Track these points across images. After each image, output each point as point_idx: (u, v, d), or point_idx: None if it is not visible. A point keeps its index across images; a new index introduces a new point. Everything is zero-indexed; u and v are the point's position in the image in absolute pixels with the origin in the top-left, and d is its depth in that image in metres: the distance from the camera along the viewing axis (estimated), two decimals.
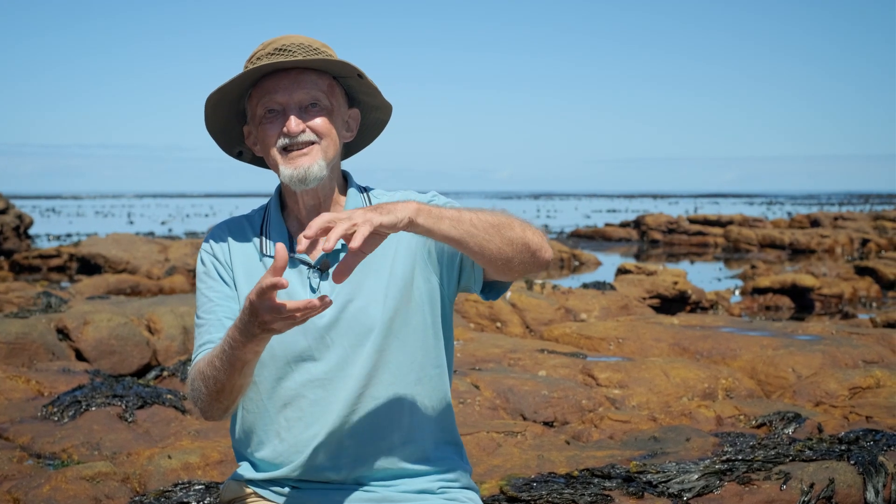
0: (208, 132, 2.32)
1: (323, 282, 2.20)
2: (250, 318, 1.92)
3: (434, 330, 2.26)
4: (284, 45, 2.19)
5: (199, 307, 2.27)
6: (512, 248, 2.07)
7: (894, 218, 33.66)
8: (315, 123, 2.19)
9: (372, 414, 2.20)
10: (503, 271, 2.13)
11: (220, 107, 2.26)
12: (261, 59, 2.19)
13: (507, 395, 5.24)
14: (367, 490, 2.22)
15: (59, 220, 52.09)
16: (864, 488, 3.70)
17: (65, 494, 3.70)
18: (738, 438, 4.28)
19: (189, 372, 2.21)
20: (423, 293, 2.23)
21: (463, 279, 2.26)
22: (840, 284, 15.06)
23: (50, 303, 8.58)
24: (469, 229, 2.01)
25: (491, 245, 2.04)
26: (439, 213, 1.99)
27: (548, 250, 2.14)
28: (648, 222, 33.24)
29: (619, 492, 3.55)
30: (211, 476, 4.00)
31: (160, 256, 18.85)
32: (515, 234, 2.07)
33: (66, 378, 5.82)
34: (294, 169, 2.18)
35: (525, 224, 2.11)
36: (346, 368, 2.19)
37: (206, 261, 2.29)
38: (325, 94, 2.21)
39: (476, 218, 2.03)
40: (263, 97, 2.20)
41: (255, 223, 2.31)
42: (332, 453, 2.21)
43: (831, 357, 6.14)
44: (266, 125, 2.21)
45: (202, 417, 2.31)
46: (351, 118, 2.31)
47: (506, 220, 2.07)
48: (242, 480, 2.32)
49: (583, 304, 8.93)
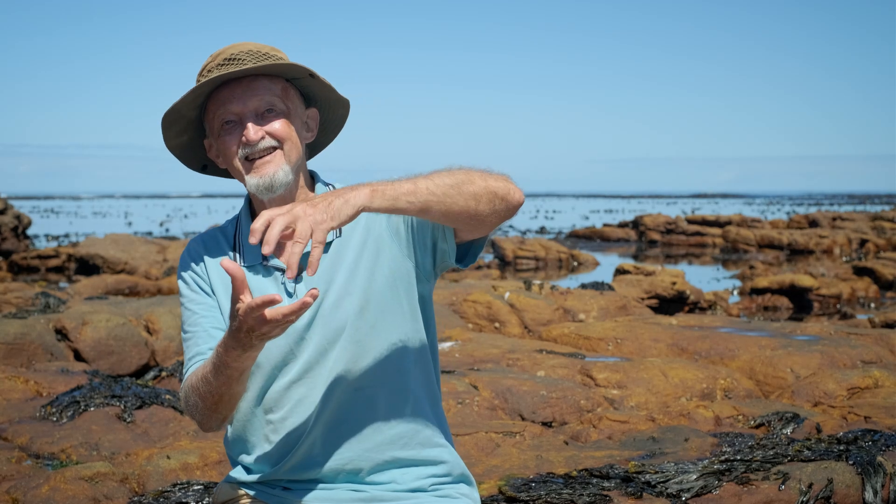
0: (169, 150, 2.31)
1: (297, 284, 2.19)
2: (246, 333, 1.92)
3: (412, 313, 2.24)
4: (233, 54, 2.17)
5: (185, 321, 2.27)
6: (477, 201, 2.05)
7: (893, 218, 33.68)
8: (273, 128, 2.18)
9: (354, 403, 2.19)
10: (476, 227, 2.11)
11: (177, 124, 2.25)
12: (211, 71, 2.18)
13: (505, 396, 5.24)
14: (359, 490, 2.22)
15: (57, 221, 52.08)
16: (863, 488, 3.70)
17: (63, 495, 3.70)
18: (736, 439, 4.29)
19: (182, 387, 2.21)
20: (395, 277, 2.21)
21: (438, 253, 2.23)
22: (838, 285, 15.07)
23: (48, 303, 8.58)
24: (428, 197, 1.99)
25: (455, 206, 2.02)
26: (393, 189, 1.96)
27: (516, 191, 2.11)
28: (647, 223, 33.25)
29: (617, 492, 3.55)
30: (209, 476, 4.00)
31: (158, 257, 18.85)
32: (477, 186, 2.05)
33: (65, 378, 5.82)
34: (259, 178, 2.17)
35: (485, 173, 2.08)
36: (325, 363, 2.18)
37: (185, 277, 2.29)
38: (280, 98, 2.20)
39: (432, 183, 2.00)
40: (218, 109, 2.18)
41: (228, 234, 2.31)
42: (320, 449, 2.20)
43: (829, 357, 6.15)
44: (225, 137, 2.19)
45: (200, 429, 2.31)
46: (310, 118, 2.30)
47: (464, 176, 2.05)
48: (235, 483, 2.33)
49: (581, 305, 8.93)
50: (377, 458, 2.22)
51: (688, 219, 33.89)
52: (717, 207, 75.47)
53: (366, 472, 2.22)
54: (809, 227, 33.46)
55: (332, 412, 2.19)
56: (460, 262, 2.24)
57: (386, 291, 2.20)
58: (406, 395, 2.24)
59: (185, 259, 2.31)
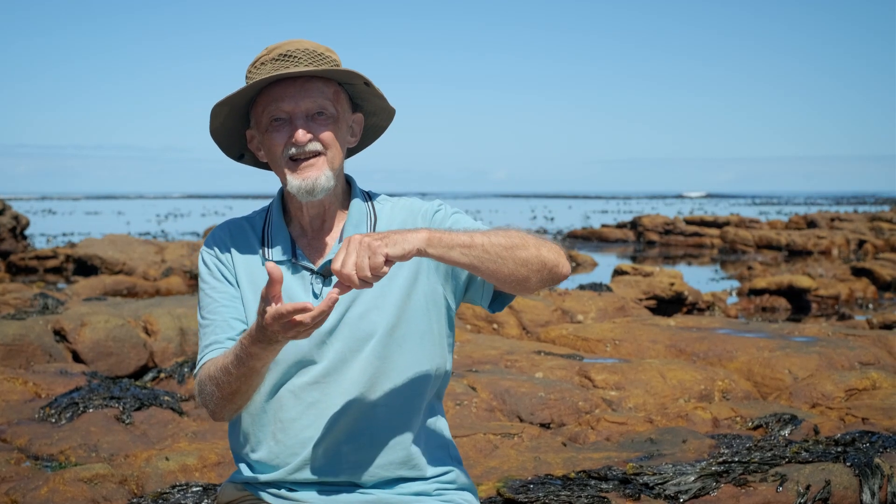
0: (213, 138, 2.31)
1: (325, 287, 2.20)
2: (272, 333, 1.93)
3: (439, 337, 2.26)
4: (289, 50, 2.17)
5: (203, 308, 2.26)
6: (527, 268, 2.08)
7: (891, 219, 33.68)
8: (322, 133, 2.18)
9: (370, 418, 2.20)
10: (519, 289, 2.14)
11: (223, 111, 2.25)
12: (265, 65, 2.18)
13: (503, 397, 5.24)
14: (364, 493, 2.22)
15: (55, 221, 52.04)
16: (861, 490, 3.71)
17: (63, 496, 3.70)
18: (734, 440, 4.29)
19: (197, 374, 2.20)
20: (426, 301, 2.22)
21: (469, 294, 2.26)
22: (837, 286, 15.08)
23: (47, 304, 8.58)
24: (480, 255, 2.03)
25: (504, 268, 2.06)
26: (450, 240, 2.00)
27: (565, 265, 2.15)
28: (645, 223, 33.25)
29: (615, 494, 3.55)
30: (208, 478, 4.01)
31: (156, 258, 18.83)
32: (530, 253, 2.08)
33: (64, 380, 5.83)
34: (302, 180, 2.17)
35: (540, 241, 2.11)
36: (345, 372, 2.18)
37: (208, 262, 2.28)
38: (331, 102, 2.20)
39: (488, 242, 2.03)
40: (269, 105, 2.19)
41: (256, 226, 2.30)
42: (328, 456, 2.21)
43: (827, 359, 6.15)
44: (272, 133, 2.20)
45: (211, 418, 2.32)
46: (355, 122, 2.31)
47: (519, 241, 2.07)
48: (239, 483, 2.33)
49: (579, 306, 8.94)
50: (384, 474, 2.22)
51: (686, 219, 33.90)
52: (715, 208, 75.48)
53: (373, 479, 2.23)
54: (808, 227, 33.47)
55: (345, 419, 2.19)
56: (489, 307, 2.26)
57: (420, 314, 2.21)
58: (421, 410, 2.25)
59: (211, 245, 2.29)
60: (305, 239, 2.26)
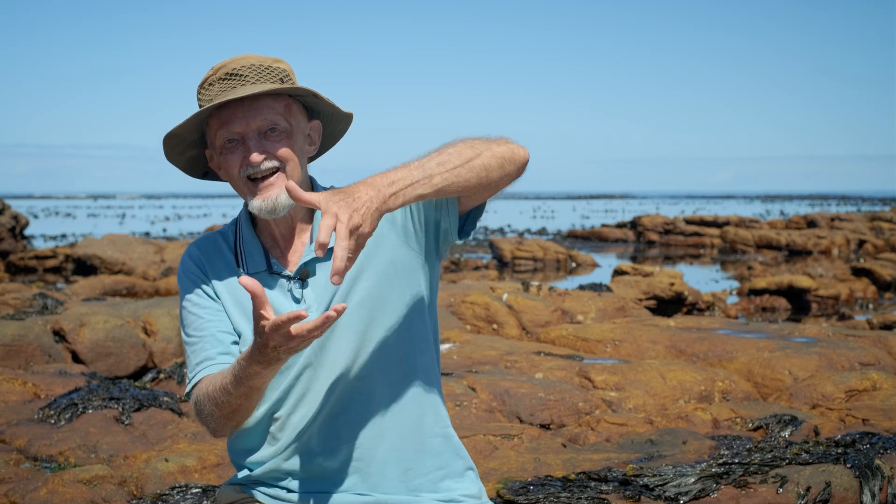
0: (171, 163, 2.29)
1: (304, 290, 2.19)
2: (273, 349, 1.92)
3: (413, 302, 2.24)
4: (235, 69, 2.15)
5: (188, 325, 2.25)
6: (488, 171, 2.09)
7: (891, 219, 33.68)
8: (276, 150, 2.16)
9: (357, 395, 2.19)
10: (490, 192, 2.16)
11: (179, 143, 2.23)
12: (213, 85, 2.16)
13: (503, 398, 5.24)
14: (364, 493, 2.21)
15: (54, 221, 52.05)
16: (861, 491, 3.70)
17: (62, 497, 3.70)
18: (734, 441, 4.29)
19: (193, 394, 2.20)
20: (395, 267, 2.21)
21: (441, 233, 2.24)
22: (837, 286, 15.08)
23: (46, 304, 8.57)
24: (441, 182, 2.02)
25: (469, 182, 2.06)
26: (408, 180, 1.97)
27: (520, 150, 2.15)
28: (645, 223, 33.25)
29: (615, 495, 3.55)
30: (208, 479, 4.00)
31: (156, 257, 18.84)
32: (484, 157, 2.09)
33: (63, 380, 5.82)
34: (263, 200, 2.15)
35: (486, 141, 2.12)
36: (324, 355, 2.17)
37: (187, 281, 2.28)
38: (283, 117, 2.17)
39: (441, 167, 2.02)
40: (221, 128, 2.16)
41: (228, 240, 2.30)
42: (325, 442, 2.20)
43: (827, 359, 6.15)
44: (227, 155, 2.18)
45: (212, 436, 2.30)
46: (312, 130, 2.29)
47: (470, 152, 2.08)
48: (237, 485, 2.32)
49: (579, 306, 8.93)
50: (384, 450, 2.21)
51: (686, 219, 33.90)
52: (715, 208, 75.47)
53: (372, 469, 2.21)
54: (808, 227, 33.47)
55: (335, 399, 2.18)
56: (461, 235, 2.25)
57: (385, 281, 2.19)
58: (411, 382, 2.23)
59: (187, 263, 2.29)
60: (278, 249, 2.25)
